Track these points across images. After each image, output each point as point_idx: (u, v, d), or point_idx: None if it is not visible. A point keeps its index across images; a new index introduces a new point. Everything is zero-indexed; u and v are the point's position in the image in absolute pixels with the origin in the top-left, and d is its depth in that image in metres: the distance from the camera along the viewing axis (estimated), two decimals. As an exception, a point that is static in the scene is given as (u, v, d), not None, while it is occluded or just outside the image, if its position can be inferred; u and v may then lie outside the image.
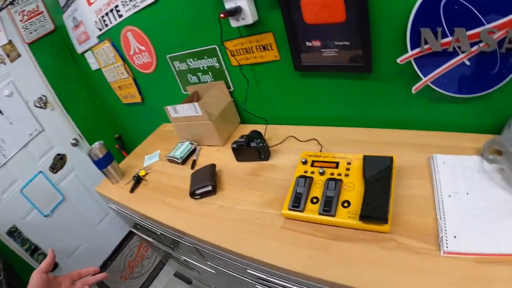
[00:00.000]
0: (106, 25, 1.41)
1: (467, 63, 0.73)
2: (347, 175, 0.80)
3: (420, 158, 0.82)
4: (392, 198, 0.69)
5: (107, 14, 1.36)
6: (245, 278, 0.89)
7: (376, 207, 0.68)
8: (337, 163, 0.84)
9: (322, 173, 0.82)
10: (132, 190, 1.06)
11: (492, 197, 0.66)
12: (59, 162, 1.81)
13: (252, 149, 1.02)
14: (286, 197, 0.82)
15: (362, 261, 0.64)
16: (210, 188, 0.94)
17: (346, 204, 0.74)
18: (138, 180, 1.08)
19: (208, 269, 1.09)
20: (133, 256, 2.11)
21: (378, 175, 0.74)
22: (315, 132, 1.08)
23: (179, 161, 1.10)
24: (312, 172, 0.85)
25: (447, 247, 0.60)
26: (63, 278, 0.63)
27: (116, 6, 1.29)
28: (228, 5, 0.94)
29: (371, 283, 0.60)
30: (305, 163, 0.88)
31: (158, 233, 1.07)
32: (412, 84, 0.82)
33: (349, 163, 0.82)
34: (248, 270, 0.82)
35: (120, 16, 1.31)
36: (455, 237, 0.61)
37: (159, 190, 1.03)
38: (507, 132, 0.73)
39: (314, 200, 0.78)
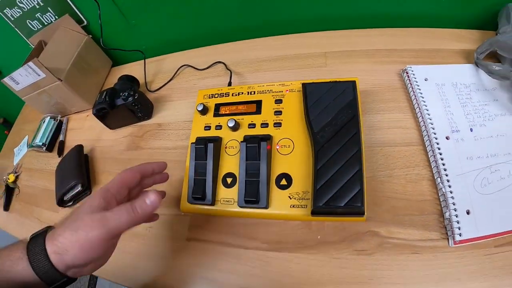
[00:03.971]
0: None
1: None
2: (278, 123, 0.44)
3: (384, 73, 0.51)
4: (364, 160, 0.38)
5: None
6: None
7: (341, 190, 0.36)
8: (259, 103, 0.47)
9: (235, 127, 0.45)
10: (6, 207, 0.72)
11: (506, 131, 0.41)
12: None
13: (121, 109, 0.58)
14: (184, 180, 0.44)
15: (325, 283, 0.35)
16: (79, 188, 0.57)
17: (284, 182, 0.40)
18: (9, 190, 0.73)
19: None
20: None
21: (335, 120, 0.41)
22: (219, 53, 0.67)
23: (42, 150, 0.73)
24: (219, 127, 0.47)
25: (459, 232, 0.34)
26: (114, 185, 0.33)
27: None
28: None
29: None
30: (204, 111, 0.48)
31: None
32: None
33: (278, 100, 0.46)
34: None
35: None
36: (468, 212, 0.36)
37: (32, 201, 0.67)
38: (508, 27, 0.47)
39: (229, 180, 0.42)
